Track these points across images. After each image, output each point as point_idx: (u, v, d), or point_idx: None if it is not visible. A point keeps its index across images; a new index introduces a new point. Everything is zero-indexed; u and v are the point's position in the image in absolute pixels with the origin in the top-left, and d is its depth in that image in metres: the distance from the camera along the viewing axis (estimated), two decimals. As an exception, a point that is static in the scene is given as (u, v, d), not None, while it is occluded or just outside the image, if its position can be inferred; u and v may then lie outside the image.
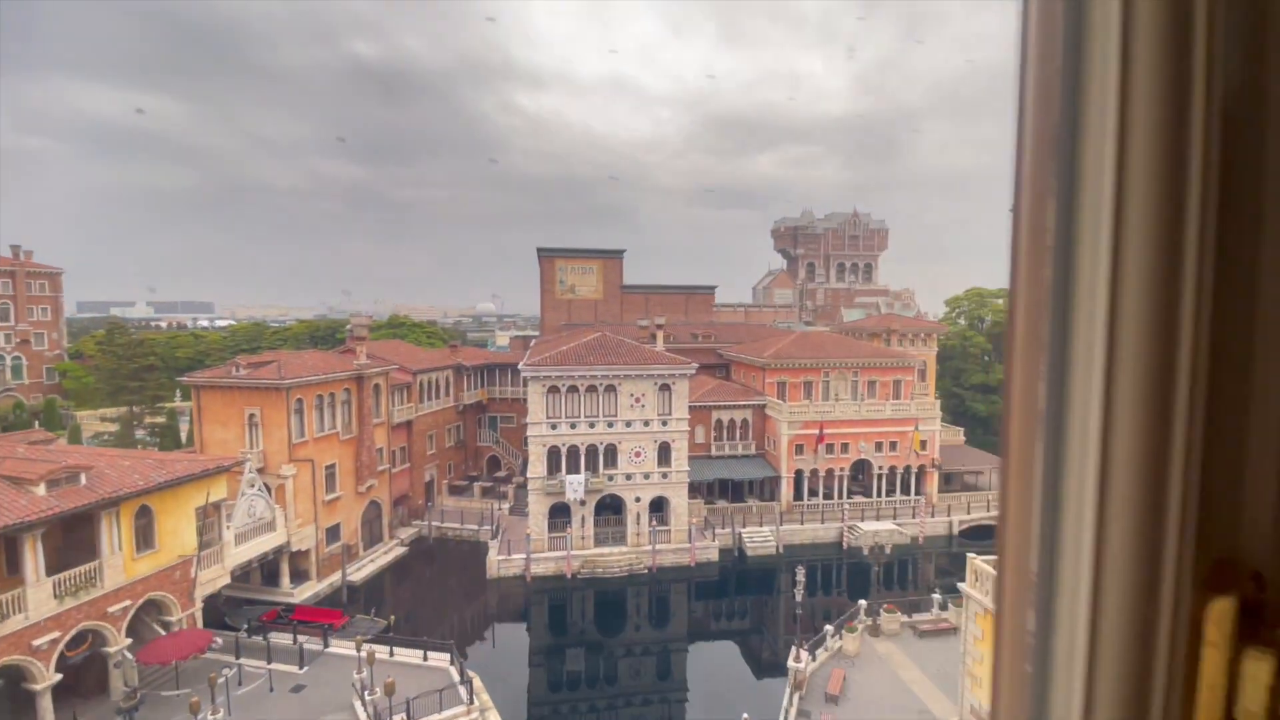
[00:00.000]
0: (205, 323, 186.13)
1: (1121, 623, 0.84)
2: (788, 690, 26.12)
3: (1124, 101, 0.81)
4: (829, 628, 30.26)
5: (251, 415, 36.93)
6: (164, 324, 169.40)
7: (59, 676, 23.32)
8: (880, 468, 50.02)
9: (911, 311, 77.35)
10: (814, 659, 28.40)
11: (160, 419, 72.44)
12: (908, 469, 50.49)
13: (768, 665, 33.20)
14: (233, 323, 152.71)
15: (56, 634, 23.27)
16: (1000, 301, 75.97)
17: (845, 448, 49.39)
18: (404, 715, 23.12)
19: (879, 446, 49.91)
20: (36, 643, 22.58)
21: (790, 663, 27.12)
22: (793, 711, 24.89)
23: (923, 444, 50.03)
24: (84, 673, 25.45)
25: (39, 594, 22.82)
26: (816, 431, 48.19)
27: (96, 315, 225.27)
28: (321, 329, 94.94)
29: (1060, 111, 0.85)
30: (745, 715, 19.09)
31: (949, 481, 54.41)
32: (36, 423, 64.61)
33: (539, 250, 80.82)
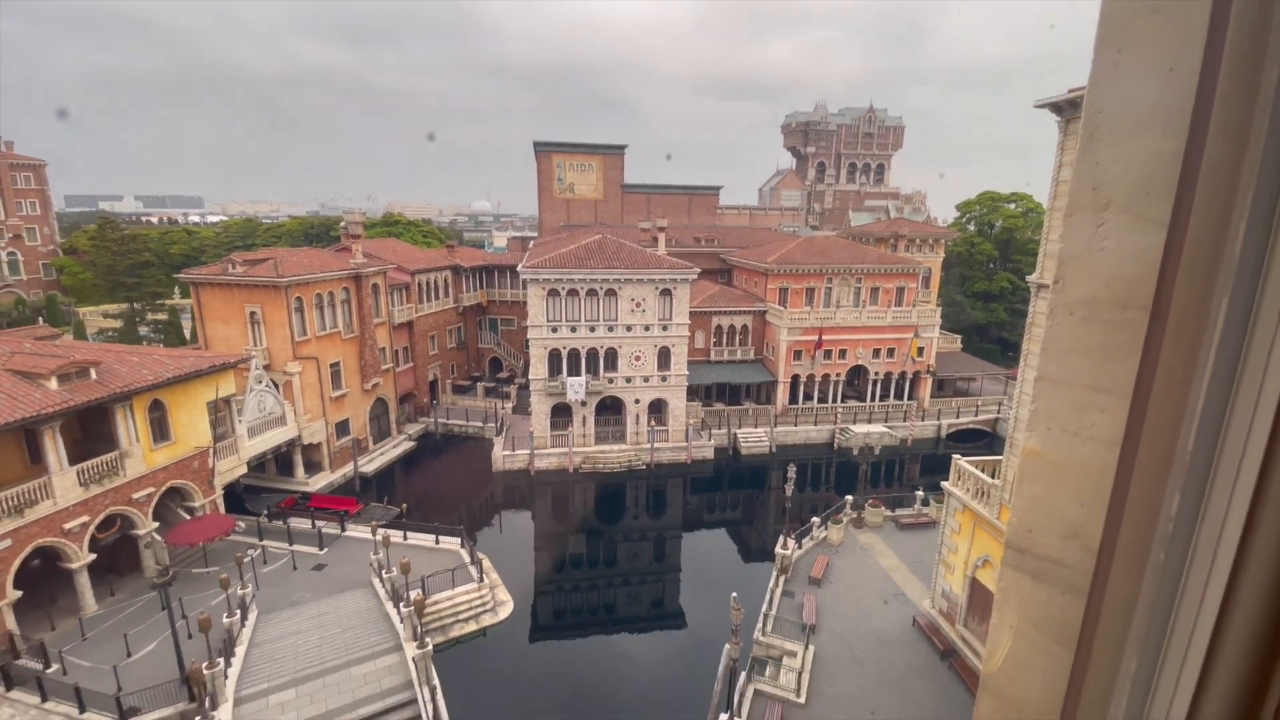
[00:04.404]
0: (196, 218, 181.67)
1: (1247, 649, 0.75)
2: (774, 573, 28.12)
3: None
4: (816, 519, 32.04)
5: (252, 313, 36.97)
6: (154, 219, 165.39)
7: (93, 556, 25.01)
8: (876, 374, 50.81)
9: (922, 216, 75.24)
10: (800, 547, 30.32)
11: (162, 316, 72.64)
12: (903, 375, 51.31)
13: (756, 552, 35.53)
14: (224, 218, 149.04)
15: (86, 518, 24.69)
16: (1013, 206, 73.70)
17: (843, 354, 49.91)
18: (419, 591, 25.04)
19: (876, 353, 50.42)
20: (67, 526, 24.01)
21: (777, 550, 28.98)
22: (778, 592, 26.94)
23: (920, 351, 50.48)
24: (117, 553, 27.28)
25: (64, 482, 23.96)
26: (815, 338, 48.48)
27: (85, 210, 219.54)
28: (315, 226, 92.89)
29: None
30: (734, 594, 20.70)
31: (941, 387, 55.49)
32: (40, 318, 64.80)
33: (536, 144, 77.25)
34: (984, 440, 49.65)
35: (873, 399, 51.35)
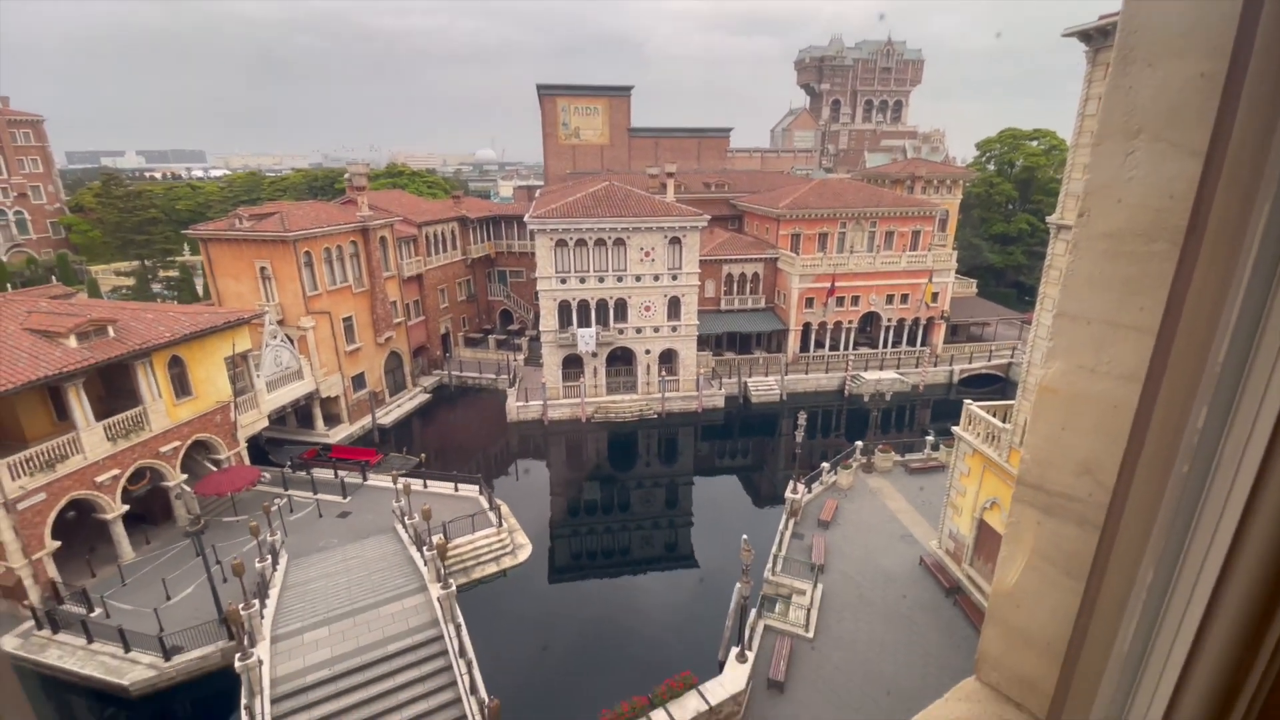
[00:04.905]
0: (199, 173, 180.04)
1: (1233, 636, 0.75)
2: (784, 517, 28.77)
3: None
4: (825, 465, 32.49)
5: (263, 268, 37.02)
6: (157, 174, 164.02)
7: (126, 508, 26.04)
8: (889, 320, 50.35)
9: (940, 155, 72.70)
10: (810, 491, 30.89)
11: (173, 273, 73.03)
12: (916, 321, 50.82)
13: (767, 497, 36.26)
14: (227, 172, 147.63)
15: (116, 471, 25.57)
16: (1035, 144, 71.00)
17: (856, 300, 49.37)
18: (441, 535, 25.94)
19: (890, 299, 49.81)
20: (99, 479, 24.91)
21: (787, 494, 29.55)
22: (788, 534, 27.64)
23: (934, 296, 49.80)
24: (150, 504, 28.38)
25: (92, 437, 24.71)
26: (828, 285, 47.89)
27: (88, 166, 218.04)
28: (319, 179, 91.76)
29: None
30: (745, 536, 21.26)
31: (955, 333, 55.01)
32: (53, 278, 65.38)
33: (539, 87, 74.85)
34: (996, 385, 49.54)
35: (885, 346, 51.09)
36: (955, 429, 24.78)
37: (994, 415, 23.44)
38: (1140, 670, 0.81)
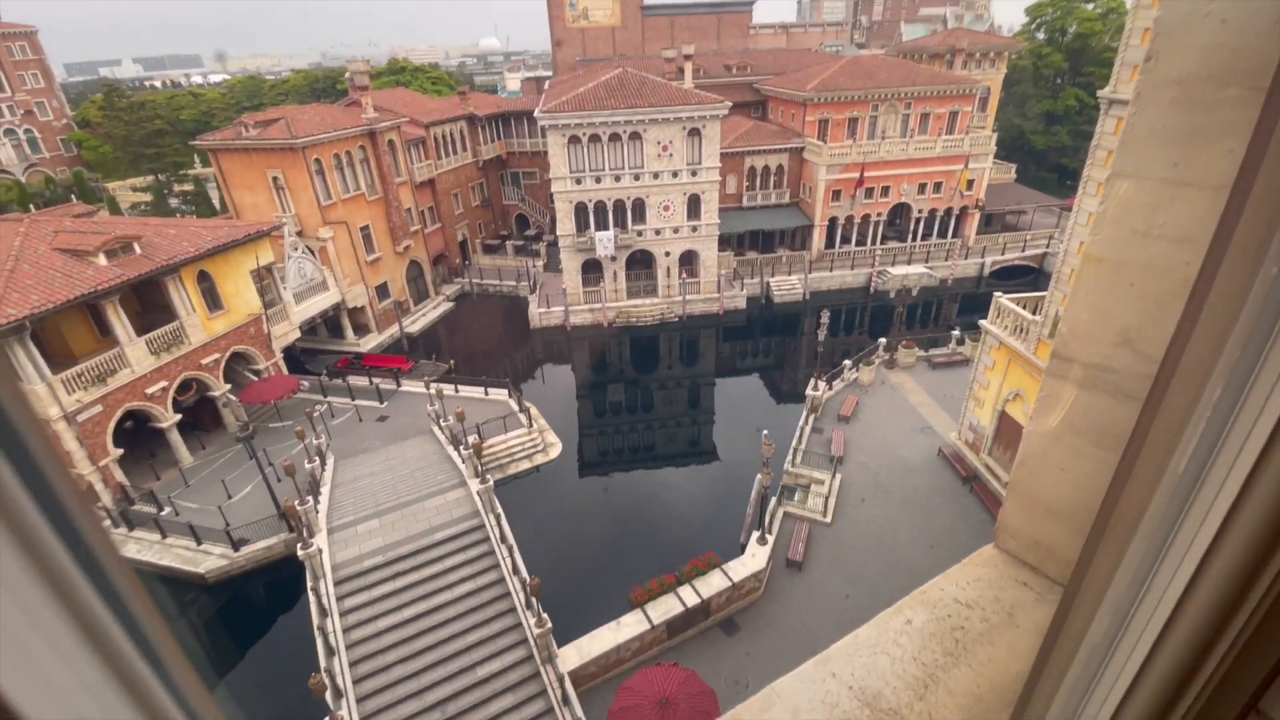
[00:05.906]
0: (199, 79, 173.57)
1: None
2: (804, 412, 29.31)
3: None
4: (847, 362, 32.55)
5: (275, 178, 36.47)
6: (157, 83, 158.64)
7: (179, 416, 27.59)
8: (920, 211, 48.19)
9: (984, 24, 66.00)
10: (831, 388, 31.20)
11: (188, 187, 72.44)
12: (949, 211, 48.57)
13: (788, 395, 36.79)
14: (226, 77, 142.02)
15: (164, 383, 26.86)
16: (1091, 6, 63.82)
17: (885, 191, 47.09)
18: (476, 436, 27.12)
19: (921, 188, 47.37)
20: (149, 391, 26.24)
21: (808, 391, 29.92)
22: (807, 428, 28.29)
23: (970, 184, 47.20)
24: (200, 413, 29.99)
25: (136, 352, 25.75)
26: (857, 175, 45.55)
27: (87, 78, 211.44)
28: (320, 80, 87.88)
29: None
30: (765, 431, 21.82)
31: (990, 222, 52.66)
32: (73, 196, 65.46)
33: (544, -36, 68.59)
34: (1029, 276, 48.01)
35: (915, 239, 49.28)
36: (983, 322, 24.37)
37: (1024, 307, 22.90)
38: (1171, 535, 0.81)
